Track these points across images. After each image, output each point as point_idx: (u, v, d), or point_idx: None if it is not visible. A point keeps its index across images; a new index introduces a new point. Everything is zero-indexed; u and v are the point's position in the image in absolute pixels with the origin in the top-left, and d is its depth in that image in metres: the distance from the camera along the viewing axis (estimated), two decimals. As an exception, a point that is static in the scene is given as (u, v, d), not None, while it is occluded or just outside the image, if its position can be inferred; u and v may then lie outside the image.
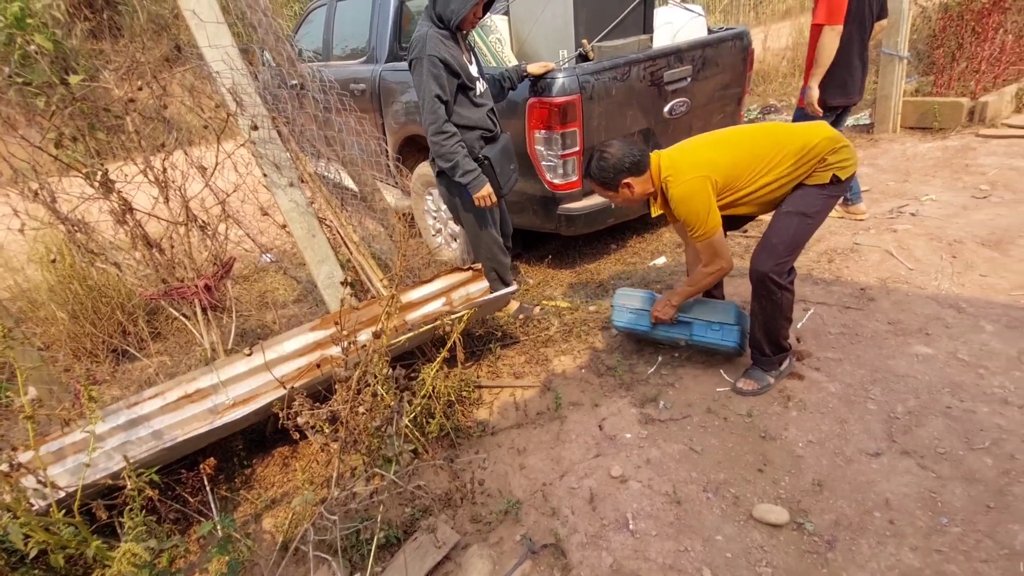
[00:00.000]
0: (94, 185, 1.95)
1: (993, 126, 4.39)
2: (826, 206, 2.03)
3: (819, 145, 1.96)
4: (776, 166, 1.99)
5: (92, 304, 3.00)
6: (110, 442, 1.94)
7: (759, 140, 2.03)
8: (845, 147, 1.97)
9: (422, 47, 2.20)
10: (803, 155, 1.96)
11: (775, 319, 2.09)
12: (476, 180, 2.35)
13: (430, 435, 2.06)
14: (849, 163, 1.98)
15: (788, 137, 2.00)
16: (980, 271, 2.68)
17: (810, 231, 2.04)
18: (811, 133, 1.99)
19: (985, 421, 1.88)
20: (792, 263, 2.06)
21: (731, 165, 2.00)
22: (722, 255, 2.05)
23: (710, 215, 1.97)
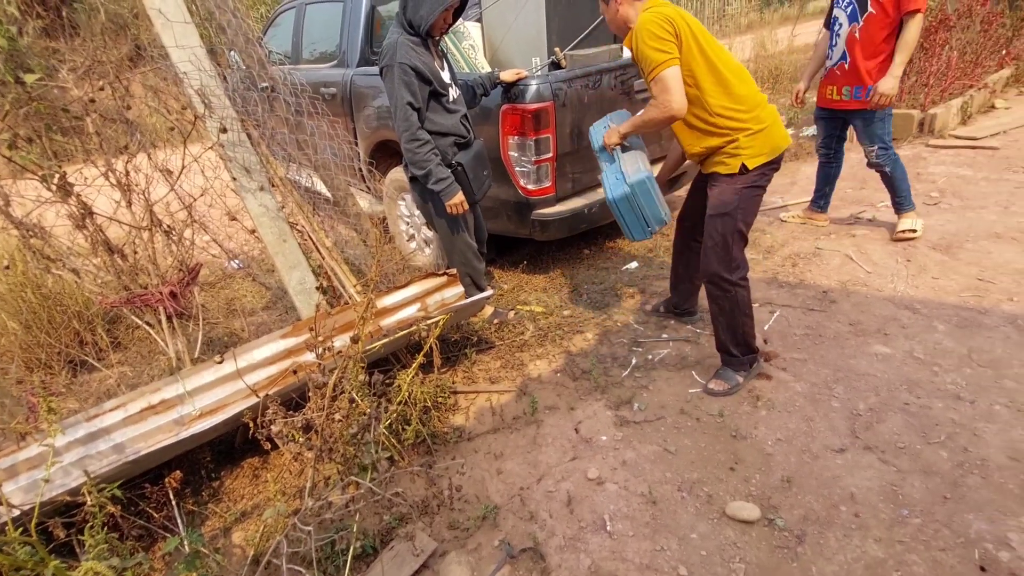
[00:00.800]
0: (51, 188, 1.88)
1: (941, 137, 4.63)
2: (743, 197, 2.04)
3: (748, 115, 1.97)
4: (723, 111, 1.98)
5: (47, 313, 2.87)
6: (68, 457, 1.85)
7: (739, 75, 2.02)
8: (764, 132, 1.99)
9: (392, 54, 2.19)
10: (740, 117, 1.98)
11: (735, 317, 2.13)
12: (449, 188, 2.35)
13: (406, 442, 2.04)
14: (755, 151, 1.99)
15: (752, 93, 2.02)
16: (932, 274, 2.82)
17: (738, 225, 2.06)
18: (755, 105, 2.01)
19: (940, 416, 1.97)
20: (737, 258, 2.10)
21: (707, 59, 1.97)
22: (671, 93, 1.90)
23: (667, 52, 1.90)
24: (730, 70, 2.01)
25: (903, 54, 2.82)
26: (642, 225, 2.24)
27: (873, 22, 2.86)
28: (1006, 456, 1.78)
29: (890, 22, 2.82)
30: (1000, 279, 2.69)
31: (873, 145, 3.08)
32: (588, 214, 3.01)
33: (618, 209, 2.23)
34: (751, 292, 2.17)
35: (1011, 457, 1.77)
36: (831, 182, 3.44)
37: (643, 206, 2.18)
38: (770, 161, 2.03)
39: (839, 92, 3.09)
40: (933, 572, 1.47)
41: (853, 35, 2.95)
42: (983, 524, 1.57)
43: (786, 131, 2.08)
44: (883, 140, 3.05)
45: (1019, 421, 1.91)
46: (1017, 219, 3.22)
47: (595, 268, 3.38)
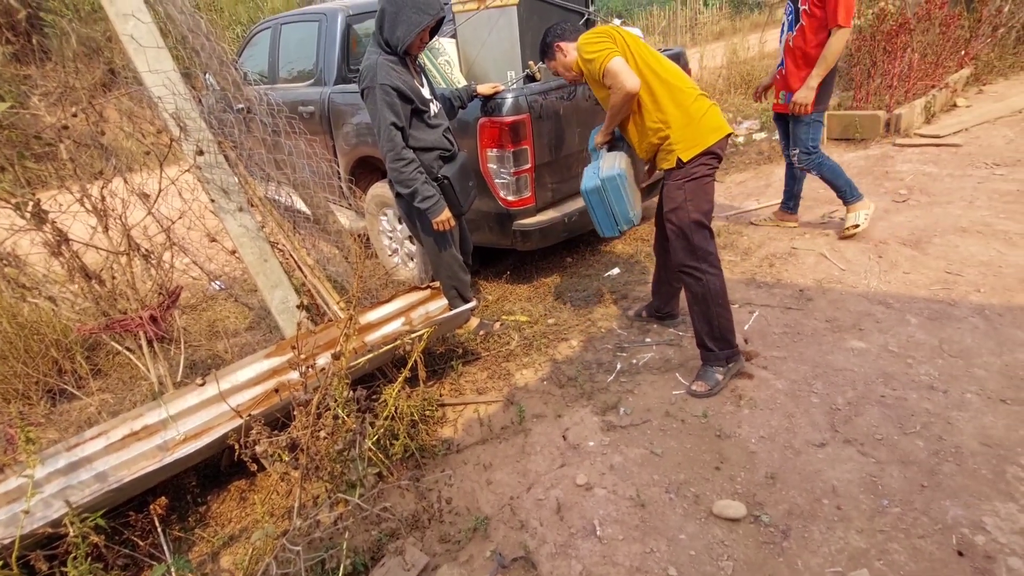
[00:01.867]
0: (25, 216, 1.86)
1: (907, 136, 4.78)
2: (687, 189, 2.14)
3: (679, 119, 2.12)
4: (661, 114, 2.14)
5: (23, 343, 2.82)
6: (49, 488, 1.82)
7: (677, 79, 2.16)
8: (683, 128, 2.11)
9: (373, 76, 2.22)
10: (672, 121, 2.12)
11: (709, 307, 2.17)
12: (435, 205, 2.38)
13: (394, 456, 2.04)
14: (686, 144, 2.12)
15: (684, 86, 2.15)
16: (903, 269, 2.90)
17: (691, 215, 2.14)
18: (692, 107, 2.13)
19: (915, 407, 2.02)
20: (701, 246, 2.15)
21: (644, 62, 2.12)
22: (622, 74, 2.03)
23: (605, 48, 2.05)
24: (665, 72, 2.16)
25: (821, 66, 2.94)
26: (610, 221, 2.35)
27: (804, 32, 3.00)
28: (978, 443, 1.83)
29: (819, 34, 2.93)
30: (967, 271, 2.77)
31: (795, 148, 3.22)
32: (569, 223, 3.05)
33: (589, 201, 2.34)
34: (727, 288, 2.21)
35: (983, 443, 1.83)
36: (798, 183, 3.53)
37: (612, 202, 2.28)
38: (705, 151, 2.13)
39: (777, 96, 3.26)
40: (914, 560, 1.51)
41: (788, 43, 3.10)
42: (959, 510, 1.62)
43: (722, 122, 2.17)
44: (806, 145, 3.17)
45: (989, 408, 1.97)
46: (981, 213, 3.33)
47: (578, 276, 3.41)
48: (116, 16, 1.80)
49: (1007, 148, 4.24)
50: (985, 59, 6.05)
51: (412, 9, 2.18)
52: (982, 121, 4.83)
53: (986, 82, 6.01)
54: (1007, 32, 6.18)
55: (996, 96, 5.52)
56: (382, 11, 2.22)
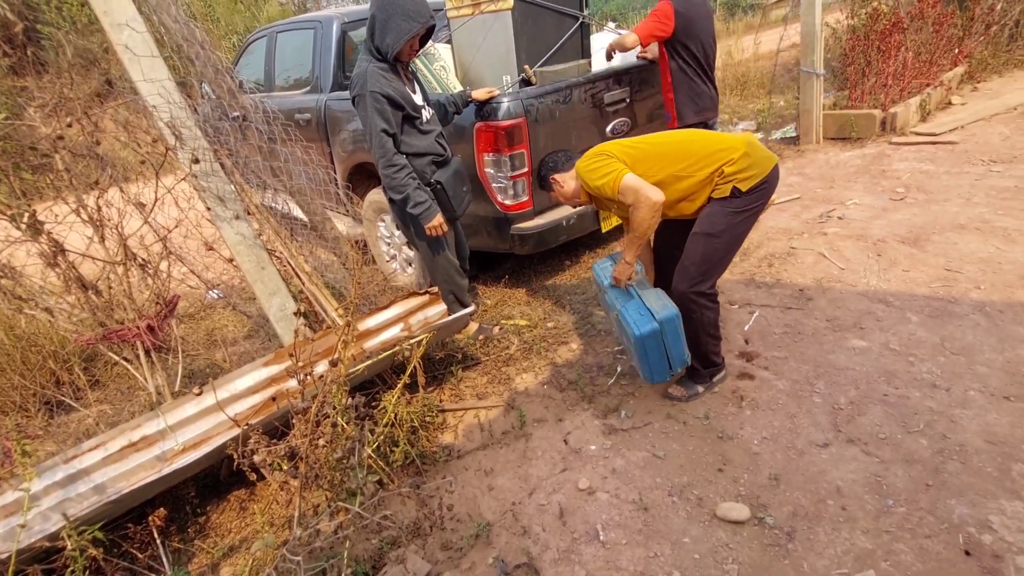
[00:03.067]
0: (20, 227, 1.85)
1: (903, 134, 4.78)
2: (731, 222, 1.99)
3: (716, 154, 1.97)
4: (688, 171, 1.99)
5: (20, 354, 2.80)
6: (47, 501, 1.80)
7: (674, 142, 2.09)
8: (743, 156, 1.95)
9: (363, 83, 2.23)
10: (706, 162, 1.98)
11: (699, 336, 2.13)
12: (428, 211, 2.38)
13: (395, 464, 2.02)
14: (747, 174, 1.95)
15: (701, 143, 2.03)
16: (903, 267, 2.89)
17: (720, 250, 2.02)
18: (718, 142, 2.02)
19: (918, 405, 2.01)
20: (709, 282, 2.06)
21: (643, 154, 2.04)
22: (643, 189, 1.93)
23: (612, 170, 1.97)
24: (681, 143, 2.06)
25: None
26: (665, 366, 2.08)
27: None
28: (983, 440, 1.82)
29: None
30: (966, 268, 2.77)
31: None
32: (567, 226, 3.04)
33: (643, 347, 2.03)
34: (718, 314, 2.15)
35: (987, 441, 1.82)
36: None
37: (669, 345, 2.04)
38: (762, 181, 1.97)
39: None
40: (920, 560, 1.49)
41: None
42: (965, 509, 1.61)
43: (769, 153, 2.03)
44: None
45: (993, 405, 1.96)
46: (979, 210, 3.32)
47: (577, 278, 3.40)
48: (111, 26, 1.79)
49: (1003, 145, 4.25)
50: (979, 57, 6.06)
51: (401, 16, 2.18)
52: (978, 118, 4.84)
53: (980, 80, 6.02)
54: (1000, 30, 6.20)
55: (991, 93, 5.53)
56: (372, 18, 2.22)
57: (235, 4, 9.68)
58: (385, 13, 2.20)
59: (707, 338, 2.15)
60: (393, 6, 2.19)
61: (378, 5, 2.20)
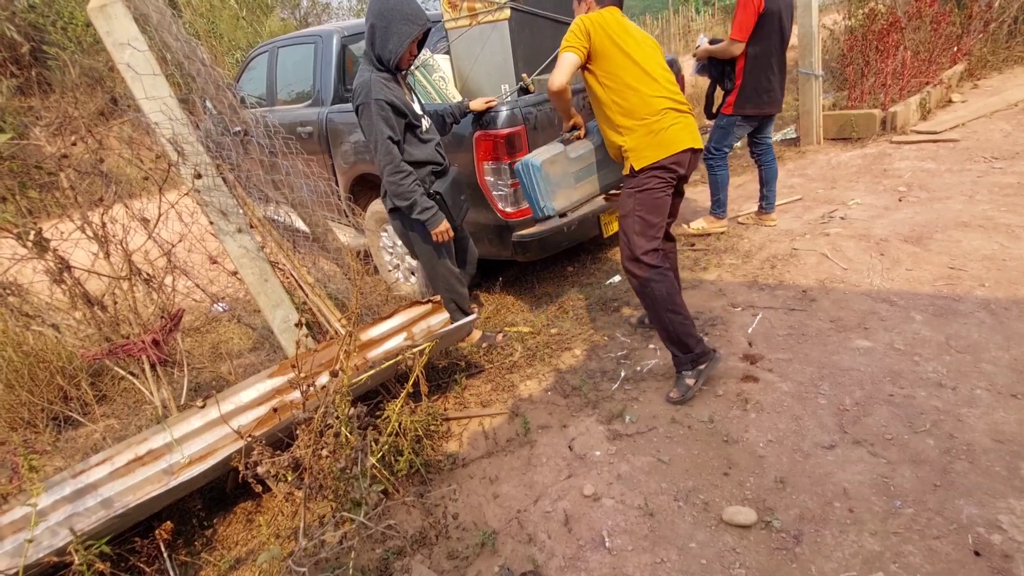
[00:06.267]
0: (27, 245, 1.88)
1: (904, 133, 4.78)
2: (635, 200, 2.21)
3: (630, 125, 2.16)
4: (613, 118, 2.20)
5: (29, 371, 2.83)
6: (55, 516, 1.81)
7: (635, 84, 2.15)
8: (638, 138, 2.15)
9: (367, 92, 2.25)
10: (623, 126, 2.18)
11: (658, 312, 2.19)
12: (434, 217, 2.41)
13: (399, 473, 2.02)
14: (639, 154, 2.16)
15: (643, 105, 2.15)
16: (906, 266, 2.88)
17: (636, 223, 2.21)
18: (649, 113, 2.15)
19: (924, 404, 2.00)
20: (638, 251, 2.19)
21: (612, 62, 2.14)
22: (557, 68, 2.14)
23: (567, 44, 2.12)
24: (636, 80, 2.16)
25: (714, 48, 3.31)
26: (534, 204, 2.43)
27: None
28: (990, 439, 1.81)
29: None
30: (970, 266, 2.75)
31: (708, 144, 3.43)
32: (568, 232, 3.05)
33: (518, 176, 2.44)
34: (677, 294, 2.22)
35: (995, 440, 1.80)
36: (766, 184, 3.63)
37: (526, 187, 2.40)
38: (656, 164, 2.15)
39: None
40: (929, 561, 1.48)
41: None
42: (974, 508, 1.59)
43: (681, 137, 2.16)
44: (709, 146, 3.44)
45: (1000, 403, 1.94)
46: (982, 207, 3.31)
47: (579, 284, 3.41)
48: (113, 45, 1.83)
49: (1005, 141, 4.23)
50: (978, 54, 6.06)
51: (401, 21, 2.23)
52: (978, 115, 4.83)
53: (980, 77, 6.02)
54: (999, 27, 6.21)
55: (991, 90, 5.52)
56: (372, 28, 2.25)
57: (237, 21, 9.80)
58: (385, 20, 2.24)
59: (668, 315, 2.18)
60: (392, 12, 2.23)
61: (376, 14, 2.24)
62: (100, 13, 1.83)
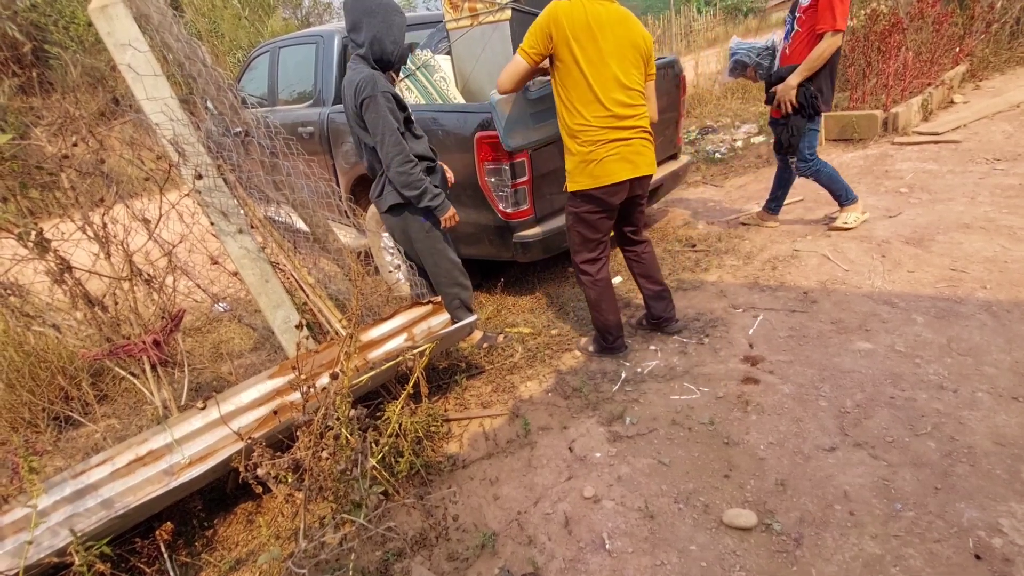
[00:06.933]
0: (28, 245, 1.88)
1: (905, 134, 4.77)
2: (570, 216, 2.41)
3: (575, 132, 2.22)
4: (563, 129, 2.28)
5: (30, 370, 2.83)
6: (55, 516, 1.81)
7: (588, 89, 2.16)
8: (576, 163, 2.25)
9: (373, 85, 2.24)
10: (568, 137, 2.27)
11: (590, 308, 2.53)
12: (444, 203, 2.46)
13: (400, 474, 2.02)
14: (572, 177, 2.29)
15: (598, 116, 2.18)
16: (907, 268, 2.88)
17: (574, 238, 2.43)
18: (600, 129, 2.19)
19: (925, 407, 1.99)
20: (577, 258, 2.46)
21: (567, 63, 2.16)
22: (505, 74, 2.25)
23: (524, 47, 2.17)
24: (594, 95, 2.16)
25: (804, 65, 2.95)
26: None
27: (796, 41, 3.03)
28: (991, 442, 1.80)
29: (809, 41, 2.95)
30: (972, 268, 2.75)
31: (793, 156, 3.28)
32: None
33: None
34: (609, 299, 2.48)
35: (996, 443, 1.80)
36: (783, 187, 3.56)
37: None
38: (585, 192, 2.28)
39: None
40: (930, 565, 1.48)
41: (784, 52, 3.13)
42: (975, 512, 1.59)
43: (625, 169, 2.22)
44: (803, 153, 3.22)
45: (1001, 406, 1.94)
46: (983, 209, 3.30)
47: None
48: (114, 46, 1.83)
49: (1007, 143, 4.22)
50: (980, 55, 6.05)
51: (394, 13, 2.31)
52: (980, 117, 4.82)
53: (982, 78, 6.00)
54: (1001, 28, 6.19)
55: (993, 91, 5.51)
56: (367, 26, 2.27)
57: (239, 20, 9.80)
58: (385, 21, 2.27)
59: (593, 312, 2.53)
60: (385, 10, 2.28)
61: (365, 11, 2.26)
62: (101, 14, 1.83)
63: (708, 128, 6.59)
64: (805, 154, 3.22)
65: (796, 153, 3.23)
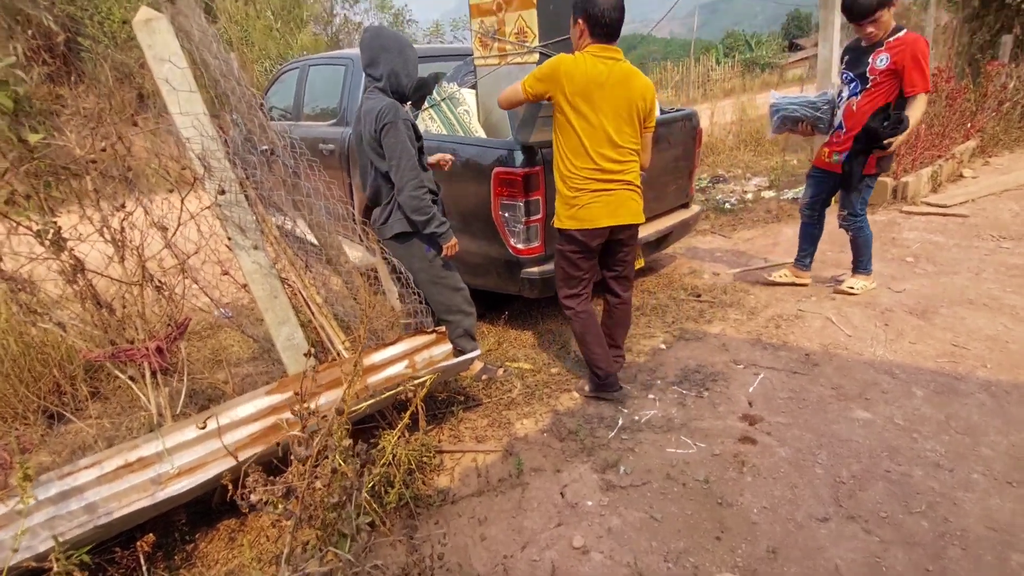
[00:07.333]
0: (45, 244, 1.90)
1: (914, 204, 4.84)
2: (557, 256, 2.53)
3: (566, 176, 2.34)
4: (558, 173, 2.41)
5: (27, 362, 2.82)
6: (37, 517, 1.79)
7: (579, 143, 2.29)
8: (563, 201, 2.38)
9: (395, 112, 2.32)
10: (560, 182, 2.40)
11: (577, 341, 2.62)
12: (448, 232, 2.51)
13: (388, 505, 2.00)
14: (560, 214, 2.41)
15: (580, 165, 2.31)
16: (909, 339, 2.89)
17: (558, 273, 2.56)
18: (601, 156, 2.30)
19: (921, 485, 1.98)
20: (561, 293, 2.56)
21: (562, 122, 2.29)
22: (506, 93, 2.43)
23: (531, 82, 2.28)
24: (584, 148, 2.28)
25: (913, 124, 2.95)
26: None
27: (870, 98, 3.03)
28: (984, 526, 1.79)
29: (886, 99, 2.98)
30: (973, 345, 2.76)
31: (844, 210, 3.29)
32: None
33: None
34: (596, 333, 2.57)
35: (988, 527, 1.78)
36: (815, 242, 3.57)
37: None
38: (567, 232, 2.40)
39: (829, 156, 3.25)
40: (920, 653, 1.45)
41: (851, 108, 3.12)
42: (967, 601, 1.57)
43: (605, 215, 2.34)
44: (854, 208, 3.23)
45: (996, 490, 1.93)
46: (987, 286, 3.34)
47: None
48: (153, 59, 1.88)
49: (1014, 222, 4.28)
50: (991, 132, 6.18)
51: (408, 48, 2.43)
52: (988, 193, 4.90)
53: (992, 154, 6.12)
54: (1012, 107, 6.34)
55: (1002, 169, 5.61)
56: (390, 64, 2.37)
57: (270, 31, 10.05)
58: (401, 56, 2.38)
59: (581, 345, 2.61)
60: (394, 41, 2.40)
61: (381, 47, 2.36)
62: (144, 27, 1.89)
63: (720, 177, 6.69)
64: (857, 208, 3.25)
65: (849, 207, 3.25)
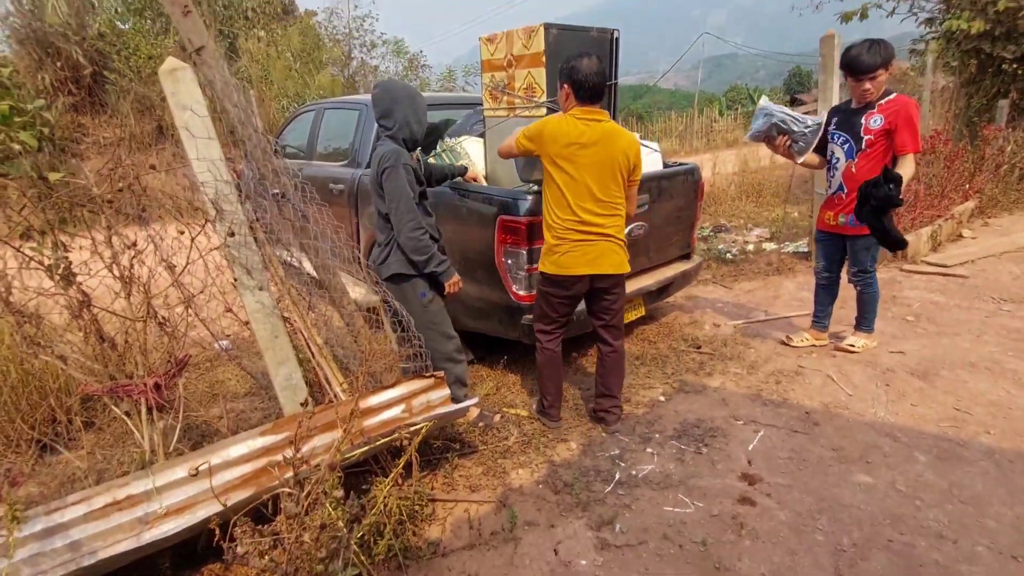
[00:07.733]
0: (54, 278, 1.93)
1: (914, 263, 4.88)
2: (538, 295, 2.69)
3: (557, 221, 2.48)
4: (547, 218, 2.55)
5: (25, 391, 2.82)
6: (20, 553, 1.75)
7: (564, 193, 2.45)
8: (548, 248, 2.54)
9: (397, 157, 2.45)
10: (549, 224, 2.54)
11: (537, 368, 2.78)
12: (450, 268, 2.59)
13: (377, 557, 1.95)
14: (545, 259, 2.57)
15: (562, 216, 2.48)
16: (911, 400, 2.86)
17: (537, 309, 2.71)
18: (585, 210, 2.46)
19: (923, 556, 1.93)
20: (537, 325, 2.72)
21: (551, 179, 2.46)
22: (504, 144, 2.61)
23: (521, 142, 2.46)
24: (567, 202, 2.44)
25: (906, 181, 2.95)
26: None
27: (865, 160, 3.08)
28: (992, 608, 1.73)
29: (883, 160, 3.03)
30: (976, 410, 2.73)
31: (854, 267, 3.31)
32: (576, 321, 3.08)
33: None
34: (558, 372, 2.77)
35: (997, 609, 1.72)
36: (832, 303, 3.54)
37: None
38: (547, 275, 2.57)
39: (835, 218, 3.26)
40: None
41: (850, 170, 3.14)
42: None
43: (583, 264, 2.48)
44: (864, 265, 3.26)
45: (1000, 565, 1.87)
46: (989, 349, 3.32)
47: (582, 373, 3.40)
48: (176, 106, 1.96)
49: (1014, 284, 4.30)
50: (989, 193, 6.29)
51: (417, 96, 2.57)
52: (988, 254, 4.94)
53: (991, 215, 6.21)
54: (1010, 170, 6.47)
55: (1001, 230, 5.68)
56: (403, 113, 2.51)
57: (289, 71, 10.43)
58: (412, 106, 2.52)
59: (538, 373, 2.79)
60: (405, 92, 2.54)
61: (394, 99, 2.51)
62: (170, 76, 1.97)
63: (721, 227, 6.78)
64: (867, 265, 3.27)
65: (859, 264, 3.26)
